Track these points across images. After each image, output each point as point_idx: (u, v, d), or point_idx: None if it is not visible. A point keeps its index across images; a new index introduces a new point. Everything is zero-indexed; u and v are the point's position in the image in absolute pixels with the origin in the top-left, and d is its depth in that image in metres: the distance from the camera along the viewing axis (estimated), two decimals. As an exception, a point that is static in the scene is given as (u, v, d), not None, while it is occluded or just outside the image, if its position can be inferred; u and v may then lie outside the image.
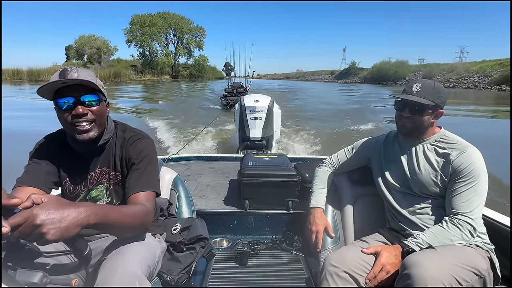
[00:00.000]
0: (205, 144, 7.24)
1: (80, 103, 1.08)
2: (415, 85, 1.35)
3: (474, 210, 1.24)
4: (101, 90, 1.14)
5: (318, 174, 1.72)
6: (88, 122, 1.11)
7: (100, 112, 1.14)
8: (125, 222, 0.97)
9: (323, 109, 15.44)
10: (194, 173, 2.91)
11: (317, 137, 8.08)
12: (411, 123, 1.36)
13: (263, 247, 1.97)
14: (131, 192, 1.12)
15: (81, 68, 1.12)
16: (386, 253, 1.23)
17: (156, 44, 62.81)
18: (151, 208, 1.11)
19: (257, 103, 4.48)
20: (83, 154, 1.21)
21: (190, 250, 1.36)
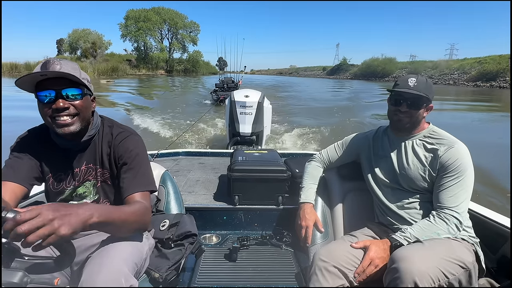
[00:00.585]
0: (194, 139, 7.21)
1: (61, 96, 1.04)
2: (410, 79, 1.34)
3: (461, 204, 1.26)
4: (85, 83, 1.09)
5: (308, 169, 1.72)
6: (70, 116, 1.06)
7: (83, 106, 1.09)
8: (127, 221, 0.97)
9: (312, 105, 15.63)
10: (183, 168, 2.88)
11: (307, 133, 8.12)
12: (408, 117, 1.36)
13: (253, 243, 1.96)
14: (127, 193, 1.11)
15: (64, 60, 1.07)
16: (375, 247, 1.24)
17: (150, 39, 63.92)
18: (149, 207, 1.11)
19: (247, 98, 4.47)
20: (66, 149, 1.17)
21: (178, 247, 1.34)
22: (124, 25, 62.44)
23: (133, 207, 1.05)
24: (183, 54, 68.82)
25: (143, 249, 1.16)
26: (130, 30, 61.63)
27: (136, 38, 61.64)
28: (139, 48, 63.46)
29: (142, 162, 1.19)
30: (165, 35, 66.93)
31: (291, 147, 6.82)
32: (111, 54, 61.59)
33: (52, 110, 1.05)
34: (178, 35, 66.97)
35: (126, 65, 56.28)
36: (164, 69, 63.85)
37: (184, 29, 66.89)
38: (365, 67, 70.93)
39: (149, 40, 63.59)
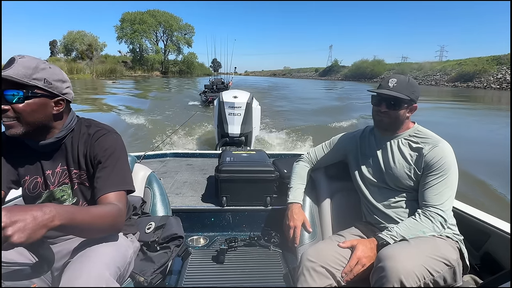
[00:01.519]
0: (183, 140, 7.12)
1: (3, 98, 0.99)
2: (390, 80, 1.37)
3: (445, 202, 1.28)
4: (35, 85, 1.01)
5: (296, 169, 1.72)
6: (8, 118, 1.01)
7: (25, 110, 1.01)
8: (94, 223, 0.92)
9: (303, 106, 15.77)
10: (170, 170, 2.85)
11: (296, 133, 8.16)
12: (387, 117, 1.38)
13: (241, 244, 1.95)
14: (100, 193, 1.06)
15: (24, 58, 1.01)
16: (362, 247, 1.26)
17: (146, 41, 65.50)
18: (123, 208, 1.05)
19: (235, 99, 4.45)
20: (40, 152, 1.13)
21: (164, 249, 1.31)
22: (120, 27, 63.82)
23: (102, 208, 0.99)
24: (178, 56, 70.72)
25: (127, 252, 1.12)
26: (125, 33, 63.10)
27: (132, 40, 62.96)
28: (135, 50, 64.79)
29: (118, 161, 1.13)
30: (160, 37, 68.69)
31: (280, 148, 6.78)
32: (105, 56, 62.53)
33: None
34: (173, 37, 68.59)
35: (122, 67, 57.98)
36: (160, 70, 65.63)
37: (179, 31, 68.47)
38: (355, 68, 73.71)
39: (144, 42, 65.11)
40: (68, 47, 58.76)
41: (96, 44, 59.41)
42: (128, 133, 7.75)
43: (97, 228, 0.96)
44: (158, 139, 6.87)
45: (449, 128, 9.04)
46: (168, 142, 6.40)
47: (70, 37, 58.23)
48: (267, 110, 12.67)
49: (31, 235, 0.72)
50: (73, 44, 57.82)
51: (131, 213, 1.41)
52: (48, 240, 1.10)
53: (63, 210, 0.81)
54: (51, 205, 0.80)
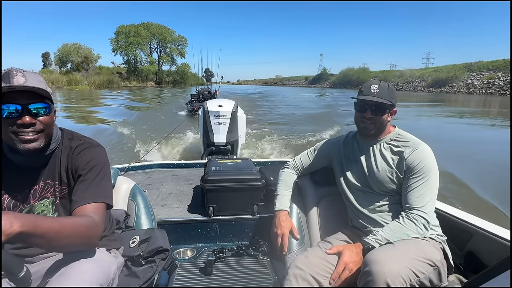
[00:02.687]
0: (168, 151, 7.05)
1: (28, 111, 0.98)
2: (372, 86, 1.39)
3: (427, 204, 1.31)
4: (50, 97, 1.04)
5: (282, 176, 1.72)
6: (34, 132, 1.00)
7: (49, 122, 1.04)
8: (63, 234, 0.86)
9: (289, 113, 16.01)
10: (155, 181, 2.79)
11: (283, 140, 8.23)
12: (372, 123, 1.40)
13: (229, 254, 1.92)
14: (76, 205, 1.02)
15: (28, 71, 1.01)
16: (348, 252, 1.26)
17: (141, 53, 67.35)
18: (99, 221, 1.00)
19: (220, 107, 4.47)
20: (22, 166, 1.09)
21: (149, 264, 1.28)
22: (115, 40, 65.59)
23: (74, 219, 0.95)
24: (171, 67, 72.60)
25: (110, 269, 1.08)
26: (120, 45, 64.83)
27: (127, 52, 64.75)
28: (130, 61, 66.44)
29: (99, 173, 1.10)
30: (155, 48, 70.70)
31: (267, 155, 6.80)
32: (99, 67, 63.49)
33: (16, 125, 0.98)
34: (167, 49, 70.53)
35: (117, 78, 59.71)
36: (154, 81, 67.33)
37: (173, 43, 70.56)
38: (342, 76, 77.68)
39: (139, 53, 66.90)
40: (63, 59, 59.83)
41: (91, 56, 61.09)
42: (112, 144, 7.63)
43: (68, 240, 0.88)
44: (143, 151, 6.76)
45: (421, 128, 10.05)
46: (153, 153, 6.26)
47: (65, 49, 59.46)
48: (253, 118, 12.81)
49: None
50: (68, 56, 58.97)
51: (114, 227, 1.36)
52: (26, 258, 1.07)
53: (24, 217, 0.76)
54: (10, 212, 0.76)
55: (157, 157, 6.44)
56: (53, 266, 1.00)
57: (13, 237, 0.73)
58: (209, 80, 20.66)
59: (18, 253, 1.00)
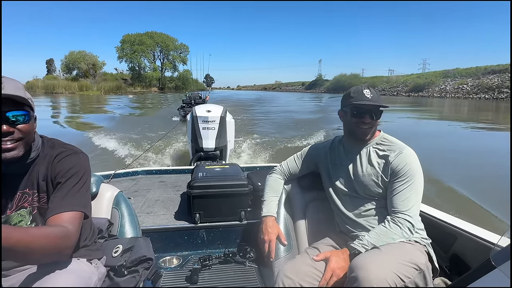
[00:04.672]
0: (157, 157, 6.99)
1: (6, 119, 0.94)
2: (365, 91, 1.39)
3: (412, 208, 1.31)
4: (30, 104, 1.00)
5: (269, 182, 1.71)
6: (13, 141, 0.97)
7: (28, 130, 1.00)
8: (34, 246, 0.82)
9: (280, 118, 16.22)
10: (142, 188, 2.75)
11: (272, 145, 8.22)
12: (370, 128, 1.40)
13: (216, 262, 1.90)
14: (51, 213, 0.98)
15: (5, 77, 0.97)
16: (335, 258, 1.26)
17: (145, 60, 72.17)
18: (73, 231, 0.96)
19: (209, 113, 4.42)
20: (1, 174, 1.05)
21: (132, 274, 1.24)
22: (121, 48, 70.21)
23: (46, 229, 0.90)
24: (174, 73, 77.27)
25: (90, 280, 1.05)
26: (126, 53, 69.42)
27: (132, 59, 69.44)
28: (134, 68, 71.16)
29: (79, 182, 1.07)
30: (158, 56, 75.57)
31: (256, 160, 6.79)
32: (104, 74, 68.80)
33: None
34: (169, 56, 75.10)
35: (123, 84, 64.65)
36: (157, 86, 71.71)
37: (175, 51, 75.28)
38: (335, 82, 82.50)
39: (143, 61, 71.62)
40: (69, 66, 63.82)
41: (97, 63, 65.92)
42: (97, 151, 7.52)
43: (40, 252, 0.84)
44: (131, 157, 6.66)
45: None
46: (142, 159, 6.21)
47: (72, 56, 63.72)
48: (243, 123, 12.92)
49: None
50: (74, 63, 63.21)
51: (96, 236, 1.31)
52: (2, 272, 1.04)
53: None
54: None
55: (146, 164, 6.34)
56: (30, 279, 0.95)
57: None
58: (210, 85, 20.54)
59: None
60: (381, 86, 64.21)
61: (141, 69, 71.99)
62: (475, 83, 46.46)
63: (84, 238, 1.17)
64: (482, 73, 47.62)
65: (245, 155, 7.27)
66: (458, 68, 55.41)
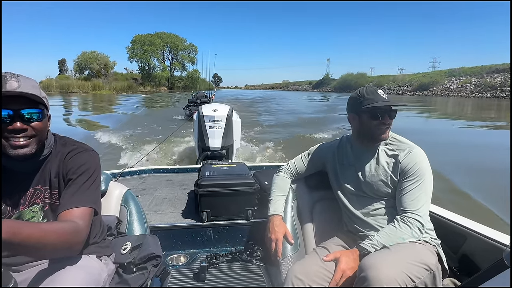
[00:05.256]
0: (164, 156, 7.05)
1: (19, 117, 0.97)
2: (380, 91, 1.38)
3: (422, 207, 1.31)
4: (44, 102, 1.03)
5: (276, 181, 1.72)
6: (26, 137, 0.99)
7: (42, 128, 1.03)
8: (45, 240, 0.83)
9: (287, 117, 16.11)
10: (149, 186, 2.78)
11: (279, 145, 8.24)
12: (388, 128, 1.39)
13: (223, 260, 1.91)
14: (62, 209, 1.00)
15: (22, 76, 0.99)
16: (345, 258, 1.25)
17: (154, 60, 74.28)
18: (84, 227, 0.98)
19: (215, 112, 4.47)
20: (13, 172, 1.08)
21: (141, 271, 1.26)
22: (131, 48, 72.47)
23: (57, 225, 0.92)
24: (182, 72, 79.34)
25: (100, 276, 1.07)
26: (136, 53, 71.54)
27: (142, 59, 71.51)
28: (144, 68, 73.27)
29: (89, 178, 1.09)
30: (167, 56, 77.56)
31: (263, 159, 6.81)
32: (115, 73, 70.44)
33: (7, 131, 0.96)
34: (178, 56, 77.34)
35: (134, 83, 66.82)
36: (166, 86, 73.58)
37: (184, 51, 77.24)
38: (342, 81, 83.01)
39: (153, 61, 73.73)
40: (82, 66, 65.65)
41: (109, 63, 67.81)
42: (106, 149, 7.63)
43: (50, 247, 0.85)
44: (138, 156, 6.71)
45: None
46: (149, 158, 6.28)
47: (84, 57, 65.59)
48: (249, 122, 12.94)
49: None
50: (86, 63, 65.07)
51: (105, 234, 1.34)
52: (13, 267, 1.07)
53: (4, 223, 0.74)
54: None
55: (153, 163, 6.41)
56: (41, 274, 0.97)
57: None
58: (218, 84, 21.08)
59: (5, 262, 1.01)
60: (387, 85, 64.49)
61: (151, 69, 73.84)
62: (479, 82, 46.95)
63: (94, 235, 1.19)
64: (486, 72, 48.10)
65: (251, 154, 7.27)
66: (463, 67, 55.88)
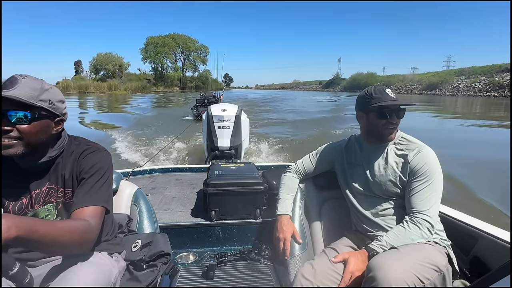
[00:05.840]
0: (173, 155, 7.12)
1: (5, 118, 0.98)
2: (387, 91, 1.38)
3: (431, 208, 1.29)
4: (41, 106, 1.02)
5: (284, 180, 1.72)
6: (10, 138, 1.00)
7: (30, 131, 1.02)
8: (59, 238, 0.86)
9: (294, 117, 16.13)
10: (159, 185, 2.82)
11: (286, 144, 8.27)
12: (396, 128, 1.39)
13: (231, 259, 1.92)
14: (75, 207, 1.03)
15: (27, 79, 1.01)
16: (354, 260, 1.25)
17: (167, 61, 76.81)
18: (95, 225, 1.01)
19: (224, 112, 4.51)
20: (28, 170, 1.12)
21: (151, 268, 1.29)
22: (145, 49, 74.77)
23: (70, 223, 0.95)
24: (194, 73, 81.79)
25: (111, 273, 1.10)
26: (150, 54, 73.81)
27: (155, 60, 73.90)
28: (157, 68, 75.55)
29: (102, 178, 1.12)
30: (179, 57, 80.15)
31: (271, 159, 6.84)
32: (129, 74, 73.63)
33: None
34: (190, 57, 79.58)
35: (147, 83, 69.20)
36: (178, 86, 76.07)
37: (195, 51, 79.43)
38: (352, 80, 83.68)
39: (165, 61, 76.43)
40: (97, 67, 68.26)
41: (123, 64, 70.93)
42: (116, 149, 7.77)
43: (62, 244, 0.89)
44: (147, 155, 6.78)
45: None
46: (158, 157, 6.33)
47: (100, 58, 68.36)
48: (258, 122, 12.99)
49: None
50: (102, 64, 67.82)
51: (116, 231, 1.37)
52: (28, 262, 1.10)
53: (21, 221, 0.77)
54: (8, 215, 0.76)
55: (162, 162, 6.47)
56: (55, 270, 1.01)
57: (10, 241, 0.74)
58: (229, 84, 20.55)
59: (20, 257, 1.04)
60: (397, 84, 65.42)
61: (164, 69, 76.38)
62: (487, 81, 47.48)
63: (105, 232, 1.22)
64: (496, 71, 48.46)
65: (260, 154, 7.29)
66: (474, 66, 56.05)
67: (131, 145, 8.34)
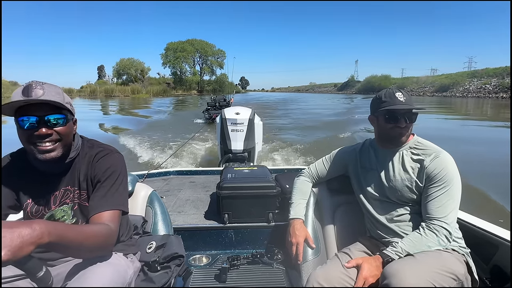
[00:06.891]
0: (187, 158, 7.23)
1: (44, 123, 1.03)
2: (398, 94, 1.35)
3: (449, 214, 1.26)
4: (68, 108, 1.09)
5: (297, 184, 1.71)
6: (52, 142, 1.06)
7: (66, 132, 1.09)
8: (85, 243, 0.91)
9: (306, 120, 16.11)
10: (173, 188, 2.86)
11: (301, 148, 8.25)
12: (405, 131, 1.36)
13: (244, 262, 1.93)
14: (94, 212, 1.07)
15: (47, 84, 1.07)
16: (367, 265, 1.23)
17: (186, 65, 79.99)
18: (115, 229, 1.06)
19: (238, 115, 4.55)
20: (45, 173, 1.16)
21: (165, 269, 1.31)
22: (165, 55, 78.13)
23: (93, 228, 1.00)
24: (211, 77, 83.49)
25: (126, 273, 1.12)
26: (169, 59, 77.15)
27: (174, 65, 77.32)
28: (176, 72, 78.95)
29: (116, 180, 1.15)
30: (197, 61, 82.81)
31: (284, 163, 6.86)
32: (149, 78, 77.11)
33: (34, 136, 1.03)
34: (208, 61, 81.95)
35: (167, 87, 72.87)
36: (196, 89, 78.20)
37: (213, 56, 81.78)
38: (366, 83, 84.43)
39: (184, 66, 79.59)
40: (120, 72, 72.19)
41: (144, 69, 74.42)
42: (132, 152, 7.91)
43: (87, 248, 0.94)
44: (162, 157, 6.92)
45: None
46: (172, 160, 6.45)
47: (122, 63, 72.16)
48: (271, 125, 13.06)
49: (17, 253, 0.71)
50: (124, 69, 71.56)
51: (132, 232, 1.40)
52: (48, 262, 1.14)
53: (53, 228, 0.80)
54: (41, 221, 0.79)
55: (176, 164, 6.58)
56: (73, 269, 1.03)
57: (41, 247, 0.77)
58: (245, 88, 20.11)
59: (41, 257, 1.07)
60: (410, 86, 65.70)
61: (182, 73, 79.46)
62: (498, 82, 47.45)
63: (121, 234, 1.24)
64: (507, 73, 47.41)
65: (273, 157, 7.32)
66: (487, 68, 55.73)
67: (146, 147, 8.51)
